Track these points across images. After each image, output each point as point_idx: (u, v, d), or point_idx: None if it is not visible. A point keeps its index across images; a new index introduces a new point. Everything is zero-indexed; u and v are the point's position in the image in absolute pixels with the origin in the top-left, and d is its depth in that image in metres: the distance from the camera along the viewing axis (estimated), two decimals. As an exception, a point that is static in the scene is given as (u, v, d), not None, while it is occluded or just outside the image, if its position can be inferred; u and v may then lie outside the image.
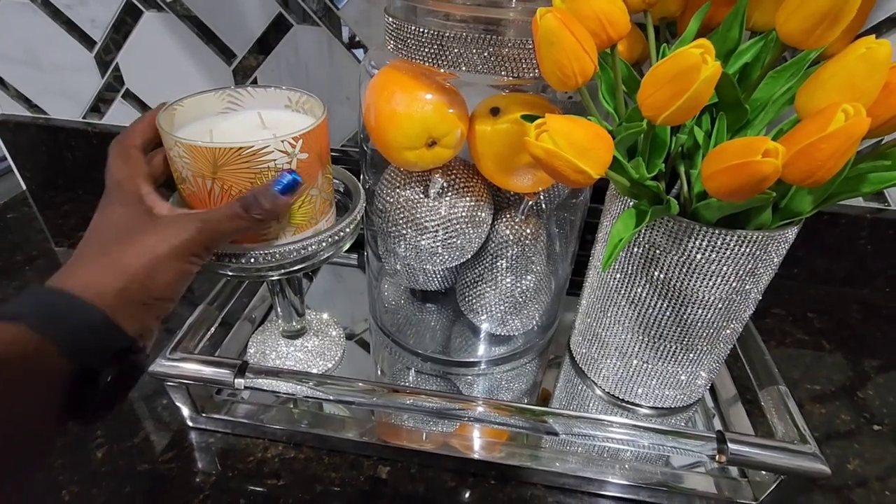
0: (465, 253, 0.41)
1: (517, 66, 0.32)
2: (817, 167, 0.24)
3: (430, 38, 0.32)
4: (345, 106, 0.57)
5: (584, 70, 0.26)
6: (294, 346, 0.45)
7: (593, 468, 0.38)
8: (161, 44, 0.56)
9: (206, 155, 0.29)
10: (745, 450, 0.33)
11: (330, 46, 0.53)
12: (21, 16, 0.57)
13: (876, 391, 0.47)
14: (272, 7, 0.52)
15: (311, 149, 0.32)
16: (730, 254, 0.32)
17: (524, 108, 0.33)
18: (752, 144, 0.23)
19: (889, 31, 0.46)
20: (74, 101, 0.62)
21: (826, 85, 0.24)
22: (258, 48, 0.55)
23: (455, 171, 0.38)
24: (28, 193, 0.69)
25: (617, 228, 0.29)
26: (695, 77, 0.23)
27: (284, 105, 0.36)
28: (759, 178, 0.23)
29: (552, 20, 0.25)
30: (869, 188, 0.29)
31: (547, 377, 0.47)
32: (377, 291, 0.51)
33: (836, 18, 0.23)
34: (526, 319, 0.45)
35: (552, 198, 0.42)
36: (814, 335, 0.53)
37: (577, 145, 0.25)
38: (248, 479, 0.37)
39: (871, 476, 0.40)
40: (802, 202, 0.30)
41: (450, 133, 0.34)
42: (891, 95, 0.25)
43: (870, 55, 0.23)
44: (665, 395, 0.41)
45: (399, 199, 0.39)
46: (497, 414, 0.36)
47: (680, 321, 0.36)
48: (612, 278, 0.38)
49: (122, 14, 0.55)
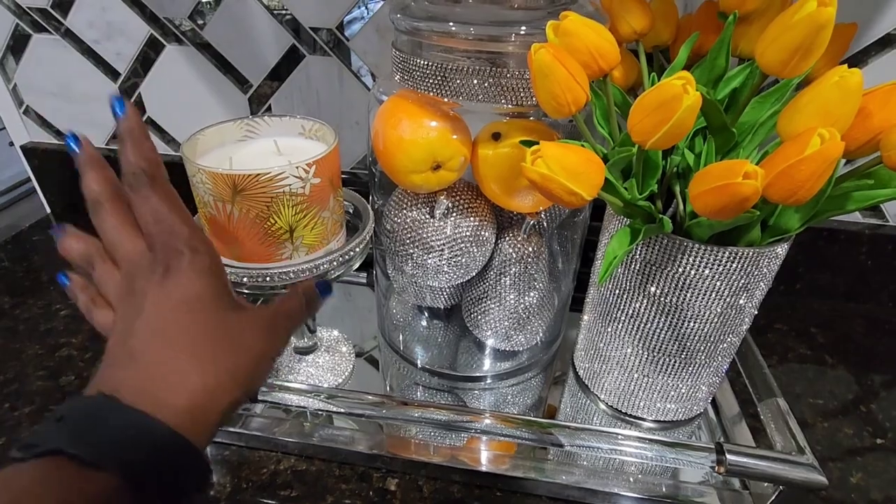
0: (469, 271, 0.42)
1: (516, 95, 0.34)
2: (797, 187, 0.25)
3: (434, 71, 0.34)
4: (354, 130, 0.59)
5: (577, 99, 0.28)
6: (305, 362, 0.46)
7: (597, 480, 0.39)
8: (181, 74, 0.59)
9: (226, 181, 0.31)
10: (743, 461, 0.34)
11: (340, 75, 0.56)
12: (53, 51, 0.60)
13: (879, 405, 0.47)
14: (286, 39, 0.55)
15: (324, 174, 0.34)
16: (722, 269, 0.33)
17: (524, 133, 0.35)
18: (732, 167, 0.24)
19: (878, 54, 0.48)
20: (99, 128, 0.66)
21: (804, 110, 0.26)
22: (272, 77, 0.58)
23: (460, 192, 0.40)
24: (52, 217, 0.72)
25: (612, 246, 0.31)
26: (677, 106, 0.24)
27: (298, 133, 0.39)
28: (740, 198, 0.24)
29: (545, 55, 0.27)
30: (854, 206, 0.31)
31: (551, 392, 0.48)
32: (385, 309, 0.52)
33: (809, 50, 0.25)
34: (530, 335, 0.46)
35: (553, 217, 0.44)
36: (816, 350, 0.54)
37: (569, 169, 0.26)
38: (262, 491, 0.39)
39: (874, 489, 0.40)
40: (790, 220, 0.32)
41: (453, 157, 0.36)
42: (867, 119, 0.27)
43: (843, 83, 0.25)
44: (667, 408, 0.42)
45: (406, 219, 0.41)
46: (504, 426, 0.37)
47: (677, 335, 0.37)
48: (611, 294, 0.39)
49: (146, 48, 0.59)
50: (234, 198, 0.32)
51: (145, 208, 0.25)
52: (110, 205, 0.26)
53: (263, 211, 0.32)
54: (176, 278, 0.24)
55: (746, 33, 0.35)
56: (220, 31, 0.56)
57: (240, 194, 0.32)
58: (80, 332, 0.52)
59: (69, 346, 0.51)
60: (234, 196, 0.32)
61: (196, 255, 0.25)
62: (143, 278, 0.24)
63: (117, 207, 0.26)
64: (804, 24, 0.24)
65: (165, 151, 0.66)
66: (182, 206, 0.26)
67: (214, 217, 0.33)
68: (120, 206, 0.26)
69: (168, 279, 0.24)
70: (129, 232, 0.26)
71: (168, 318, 0.23)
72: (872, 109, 0.27)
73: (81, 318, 0.27)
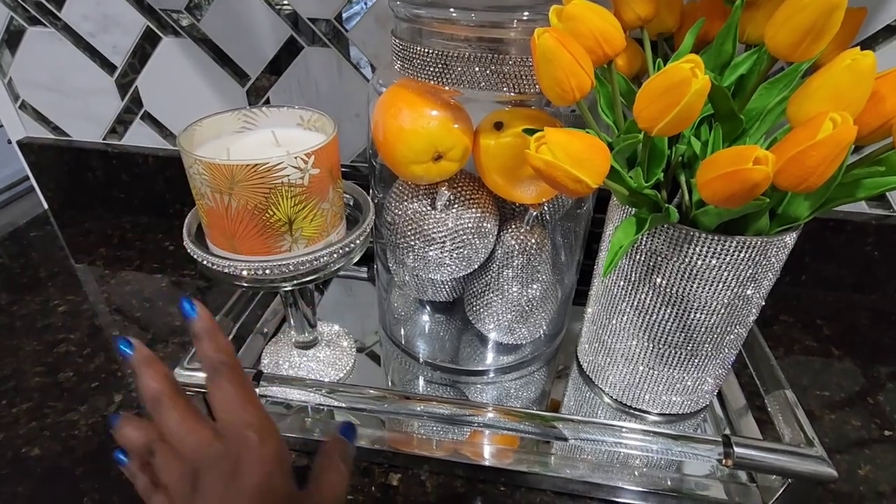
0: (471, 263, 0.42)
1: (518, 83, 0.34)
2: (808, 173, 0.25)
3: (434, 58, 0.33)
4: (354, 123, 0.59)
5: (582, 85, 0.27)
6: (306, 357, 0.46)
7: (602, 474, 0.38)
8: (178, 67, 0.59)
9: (223, 172, 0.31)
10: (751, 453, 0.33)
11: (339, 66, 0.56)
12: (48, 44, 0.60)
13: (886, 397, 0.47)
14: (283, 30, 0.54)
15: (323, 164, 0.33)
16: (730, 259, 0.33)
17: (526, 122, 0.35)
18: (742, 153, 0.24)
19: (885, 41, 0.47)
20: (95, 122, 0.65)
21: (815, 95, 0.25)
22: (271, 69, 0.57)
23: (461, 183, 0.40)
24: (49, 212, 0.72)
25: (617, 236, 0.30)
26: (685, 90, 0.24)
27: (297, 123, 0.38)
28: (751, 185, 0.24)
29: (549, 39, 0.26)
30: (864, 193, 0.30)
31: (555, 385, 0.47)
32: (387, 303, 0.52)
33: (821, 32, 0.24)
34: (533, 328, 0.46)
35: (556, 209, 0.43)
36: (822, 342, 0.53)
37: (574, 156, 0.26)
38: (263, 487, 0.38)
39: (882, 481, 0.40)
40: (799, 208, 0.31)
41: (455, 147, 0.36)
42: (879, 104, 0.26)
43: (855, 66, 0.24)
44: (672, 401, 0.41)
45: (407, 211, 0.40)
46: (507, 420, 0.37)
47: (684, 327, 0.36)
48: (616, 286, 0.39)
49: (142, 40, 0.58)
50: (232, 189, 0.31)
51: (219, 394, 0.27)
52: (171, 400, 0.27)
53: (262, 202, 0.32)
54: (247, 471, 0.25)
55: (753, 18, 0.34)
56: (218, 23, 0.55)
57: (237, 185, 0.31)
58: (77, 329, 0.52)
59: (67, 342, 0.50)
60: (232, 187, 0.31)
61: (264, 445, 0.26)
62: (211, 475, 0.25)
63: (178, 402, 0.27)
64: (816, 4, 0.23)
65: (163, 146, 0.65)
66: (253, 393, 0.28)
67: (212, 209, 0.33)
68: (181, 400, 0.27)
69: (238, 474, 0.25)
70: (194, 424, 0.27)
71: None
72: (885, 93, 0.26)
73: (78, 313, 0.27)
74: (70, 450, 0.40)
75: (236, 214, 0.32)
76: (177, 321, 0.53)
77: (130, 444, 0.29)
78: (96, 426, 0.42)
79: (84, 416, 0.43)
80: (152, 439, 0.28)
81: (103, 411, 0.44)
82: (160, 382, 0.27)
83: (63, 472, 0.39)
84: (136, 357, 0.28)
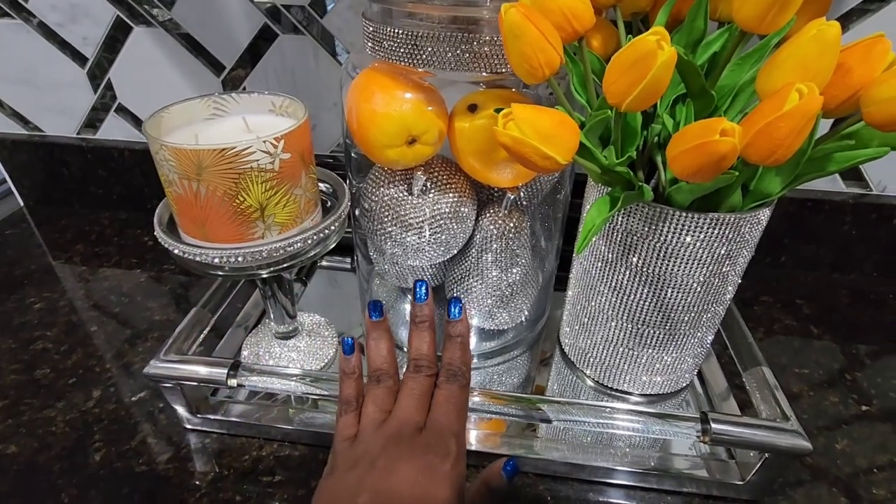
0: (450, 248, 0.41)
1: (491, 63, 0.33)
2: (777, 146, 0.25)
3: (404, 39, 0.33)
4: (332, 113, 0.58)
5: (550, 61, 0.27)
6: (287, 347, 0.45)
7: (583, 455, 0.38)
8: (151, 58, 0.58)
9: (190, 157, 0.30)
10: (728, 429, 0.34)
11: (316, 55, 0.55)
12: (16, 36, 0.58)
13: (864, 373, 0.47)
14: (258, 18, 0.54)
15: (294, 149, 0.33)
16: (704, 237, 0.33)
17: (500, 103, 0.34)
18: (709, 125, 0.24)
19: (858, 20, 0.47)
20: (69, 117, 0.64)
21: (782, 66, 0.25)
22: (246, 59, 0.56)
23: (437, 168, 0.39)
24: (25, 210, 0.71)
25: (591, 214, 0.30)
26: (652, 63, 0.24)
27: (268, 109, 0.38)
28: (718, 157, 0.24)
29: (516, 14, 0.26)
30: (835, 167, 0.30)
31: (538, 370, 0.47)
32: (369, 293, 0.51)
33: (787, 3, 0.24)
34: (514, 312, 0.46)
35: (534, 193, 0.43)
36: (802, 321, 0.54)
37: (542, 132, 0.26)
38: (244, 478, 0.38)
39: (859, 455, 0.40)
40: (771, 183, 0.31)
41: (429, 130, 0.35)
42: (847, 76, 0.26)
43: (820, 36, 0.24)
44: (653, 381, 0.42)
45: (384, 197, 0.40)
46: (491, 403, 0.37)
47: (661, 306, 0.36)
48: (593, 267, 0.39)
49: (113, 31, 0.57)
50: (200, 175, 0.31)
51: (443, 397, 0.30)
52: (416, 372, 0.31)
53: (231, 188, 0.31)
54: (434, 476, 0.26)
55: (725, -5, 0.34)
56: (190, 12, 0.54)
57: (205, 171, 0.31)
58: (54, 325, 0.51)
59: (44, 339, 0.50)
60: (200, 173, 0.31)
61: (457, 465, 0.27)
62: (408, 447, 0.27)
63: (419, 377, 0.30)
64: (780, -27, 0.23)
65: (139, 139, 0.64)
66: (466, 414, 0.30)
67: (181, 196, 0.32)
68: (421, 377, 0.30)
69: (428, 470, 0.26)
70: (423, 404, 0.29)
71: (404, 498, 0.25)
72: (852, 65, 0.26)
73: (55, 310, 0.25)
74: (47, 446, 0.40)
75: (206, 201, 0.32)
76: (156, 316, 0.53)
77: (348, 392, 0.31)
78: (73, 422, 0.42)
79: (61, 412, 0.42)
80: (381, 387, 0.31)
81: (81, 407, 0.43)
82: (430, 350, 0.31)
83: (40, 468, 0.38)
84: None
